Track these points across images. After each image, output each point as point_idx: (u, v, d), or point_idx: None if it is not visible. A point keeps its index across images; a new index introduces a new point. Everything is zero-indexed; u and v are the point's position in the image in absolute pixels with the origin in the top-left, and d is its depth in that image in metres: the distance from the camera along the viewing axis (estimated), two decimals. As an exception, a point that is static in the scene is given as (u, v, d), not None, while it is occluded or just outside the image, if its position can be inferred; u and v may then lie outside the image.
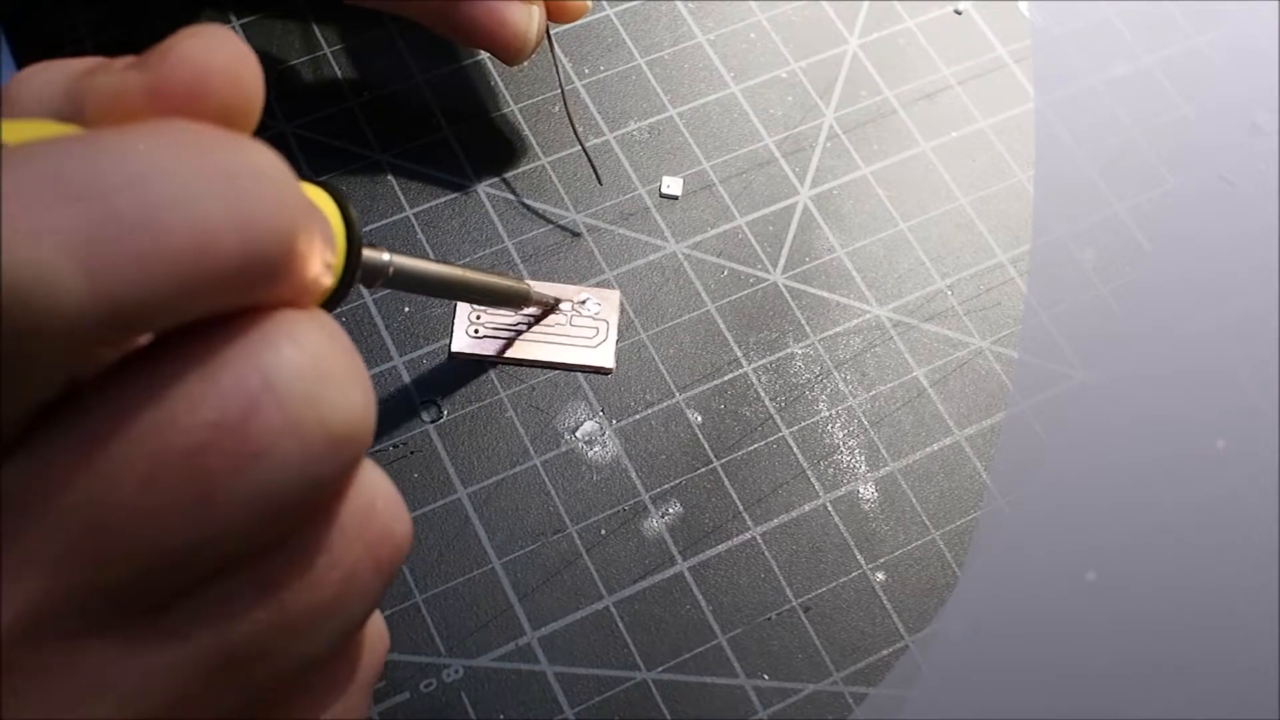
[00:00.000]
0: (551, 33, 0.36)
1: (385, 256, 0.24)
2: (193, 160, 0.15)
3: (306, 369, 0.16)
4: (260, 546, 0.17)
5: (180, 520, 0.15)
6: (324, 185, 0.20)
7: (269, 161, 0.16)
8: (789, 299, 0.35)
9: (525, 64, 0.37)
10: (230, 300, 0.16)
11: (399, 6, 0.34)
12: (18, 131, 0.16)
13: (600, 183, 0.36)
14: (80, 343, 0.14)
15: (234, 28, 0.37)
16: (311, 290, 0.17)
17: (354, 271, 0.20)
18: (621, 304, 0.35)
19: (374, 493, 0.18)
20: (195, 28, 0.17)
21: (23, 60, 0.36)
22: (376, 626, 0.21)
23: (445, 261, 0.35)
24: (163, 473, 0.15)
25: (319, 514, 0.17)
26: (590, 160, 0.36)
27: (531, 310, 0.34)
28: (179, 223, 0.14)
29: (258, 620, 0.17)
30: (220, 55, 0.17)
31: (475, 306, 0.34)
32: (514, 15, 0.33)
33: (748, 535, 0.32)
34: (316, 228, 0.17)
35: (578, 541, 0.32)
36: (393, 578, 0.19)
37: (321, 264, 0.17)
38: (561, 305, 0.34)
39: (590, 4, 0.35)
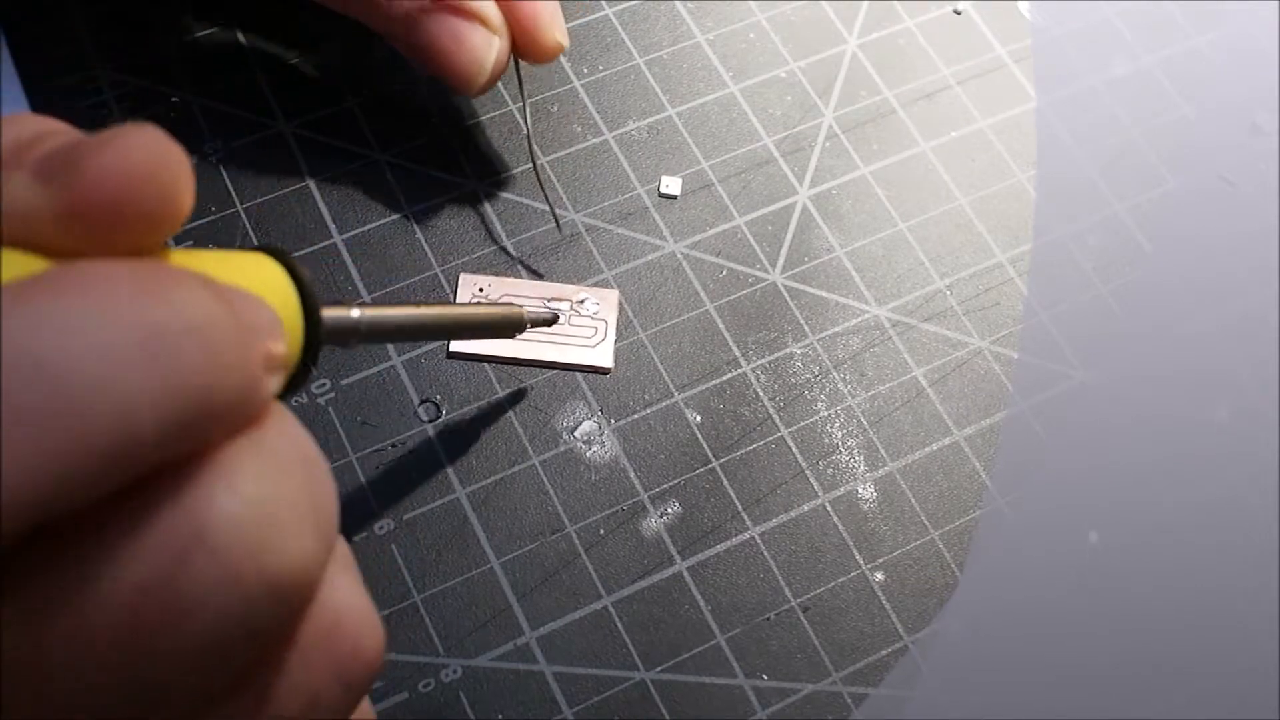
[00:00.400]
0: (522, 71, 0.35)
1: (354, 314, 0.22)
2: (110, 327, 0.14)
3: (244, 517, 0.15)
4: (212, 690, 0.16)
5: (117, 682, 0.15)
6: (274, 251, 0.18)
7: (196, 303, 0.15)
8: (788, 299, 0.35)
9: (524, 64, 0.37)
10: (165, 457, 0.15)
11: (364, 16, 0.33)
12: None
13: (559, 230, 0.35)
14: None
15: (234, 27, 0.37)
16: (257, 407, 0.16)
17: (315, 350, 0.19)
18: (620, 304, 0.35)
19: (339, 611, 0.17)
20: (115, 131, 0.15)
21: (23, 61, 0.36)
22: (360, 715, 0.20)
23: (424, 303, 0.33)
24: (97, 637, 0.14)
25: (275, 645, 0.17)
26: (548, 202, 0.35)
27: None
28: (99, 407, 0.13)
29: None
30: (141, 164, 0.15)
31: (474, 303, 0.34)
32: (471, 38, 0.32)
33: (746, 535, 0.32)
34: (258, 350, 0.16)
35: (576, 541, 0.32)
36: (365, 692, 0.18)
37: (267, 376, 0.16)
38: (560, 305, 0.34)
39: (567, 45, 0.34)
